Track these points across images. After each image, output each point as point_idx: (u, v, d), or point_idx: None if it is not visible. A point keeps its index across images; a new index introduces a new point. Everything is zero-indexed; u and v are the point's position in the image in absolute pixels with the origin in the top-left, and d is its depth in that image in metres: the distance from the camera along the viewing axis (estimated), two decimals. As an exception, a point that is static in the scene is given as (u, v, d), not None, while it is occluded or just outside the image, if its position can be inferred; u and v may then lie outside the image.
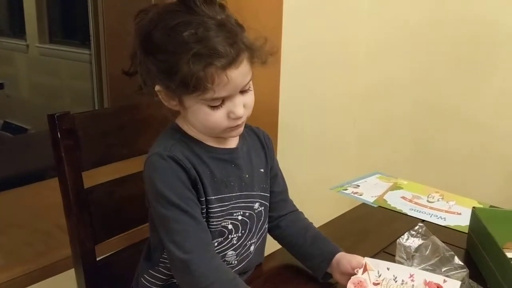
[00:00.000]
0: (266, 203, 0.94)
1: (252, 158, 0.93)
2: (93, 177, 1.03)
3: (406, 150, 2.01)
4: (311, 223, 1.01)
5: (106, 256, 1.05)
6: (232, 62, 0.76)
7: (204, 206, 0.84)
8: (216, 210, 0.85)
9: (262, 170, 0.94)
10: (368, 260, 0.88)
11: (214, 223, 0.85)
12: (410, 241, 0.96)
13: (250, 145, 0.94)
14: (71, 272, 1.06)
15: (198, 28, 0.75)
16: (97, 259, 1.02)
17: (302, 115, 1.83)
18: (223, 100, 0.80)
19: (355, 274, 0.87)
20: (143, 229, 1.10)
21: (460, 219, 1.17)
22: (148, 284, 0.92)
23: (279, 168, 1.00)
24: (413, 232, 0.97)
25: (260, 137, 0.97)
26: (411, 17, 1.90)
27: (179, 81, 0.75)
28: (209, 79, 0.75)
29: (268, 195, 0.95)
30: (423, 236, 0.97)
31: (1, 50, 3.20)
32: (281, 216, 0.99)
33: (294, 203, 1.05)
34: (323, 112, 1.94)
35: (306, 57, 1.79)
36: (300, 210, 1.03)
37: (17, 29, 3.25)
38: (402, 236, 0.96)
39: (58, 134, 0.95)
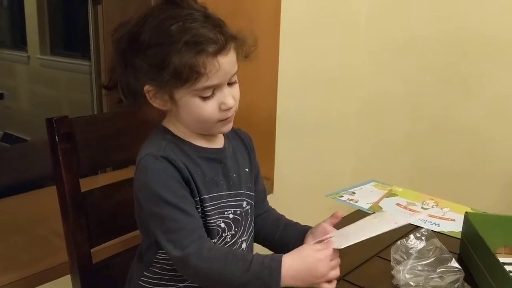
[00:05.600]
0: (252, 202, 0.97)
1: (238, 158, 0.95)
2: (91, 186, 1.05)
3: (402, 161, 2.02)
4: (282, 215, 1.04)
5: (102, 260, 1.06)
6: (222, 48, 0.79)
7: (199, 206, 0.85)
8: (210, 208, 0.86)
9: (247, 169, 0.97)
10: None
11: (211, 221, 0.87)
12: (413, 242, 0.98)
13: (234, 145, 0.96)
14: (68, 278, 1.06)
15: (186, 20, 0.79)
16: (93, 262, 1.03)
17: (299, 122, 1.85)
18: (214, 91, 0.82)
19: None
20: (138, 234, 1.11)
21: (454, 225, 1.17)
22: (149, 286, 0.92)
23: (259, 168, 1.03)
24: (418, 235, 0.99)
25: (242, 138, 0.99)
26: (408, 18, 1.93)
27: (172, 73, 0.78)
28: (201, 66, 0.78)
29: (253, 194, 0.97)
30: (427, 240, 0.98)
31: (2, 61, 3.23)
32: (259, 215, 1.01)
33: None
34: (320, 121, 1.95)
35: (304, 65, 1.81)
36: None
37: (19, 41, 3.29)
38: (406, 237, 0.97)
39: (56, 137, 0.96)
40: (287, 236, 0.97)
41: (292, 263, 0.78)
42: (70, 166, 0.97)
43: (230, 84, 0.84)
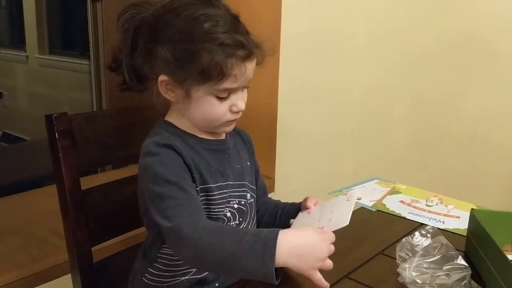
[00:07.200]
0: (255, 195, 0.98)
1: (239, 151, 0.97)
2: (91, 185, 1.03)
3: (405, 158, 2.01)
4: (278, 200, 1.07)
5: (103, 259, 1.04)
6: (250, 54, 0.81)
7: (204, 194, 0.85)
8: (217, 197, 0.87)
9: (248, 163, 0.98)
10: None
11: (216, 210, 0.87)
12: (418, 240, 0.96)
13: (235, 140, 0.98)
14: (67, 278, 1.05)
15: (219, 20, 0.80)
16: (94, 261, 1.01)
17: (300, 121, 1.84)
18: (229, 93, 0.83)
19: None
20: (139, 233, 1.09)
21: (459, 223, 1.16)
22: (152, 283, 0.91)
23: (259, 166, 1.05)
24: (423, 232, 0.97)
25: (242, 135, 1.01)
26: (407, 20, 1.92)
27: (199, 70, 0.78)
28: (230, 68, 0.79)
29: (255, 188, 0.99)
30: (433, 237, 0.97)
31: (0, 61, 3.22)
32: (259, 208, 1.03)
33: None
34: (322, 119, 1.94)
35: (305, 64, 1.80)
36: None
37: (17, 40, 3.28)
38: (411, 235, 0.96)
39: (56, 134, 0.95)
40: (285, 217, 0.99)
41: (291, 238, 0.72)
42: (70, 163, 0.96)
43: (244, 87, 0.86)
